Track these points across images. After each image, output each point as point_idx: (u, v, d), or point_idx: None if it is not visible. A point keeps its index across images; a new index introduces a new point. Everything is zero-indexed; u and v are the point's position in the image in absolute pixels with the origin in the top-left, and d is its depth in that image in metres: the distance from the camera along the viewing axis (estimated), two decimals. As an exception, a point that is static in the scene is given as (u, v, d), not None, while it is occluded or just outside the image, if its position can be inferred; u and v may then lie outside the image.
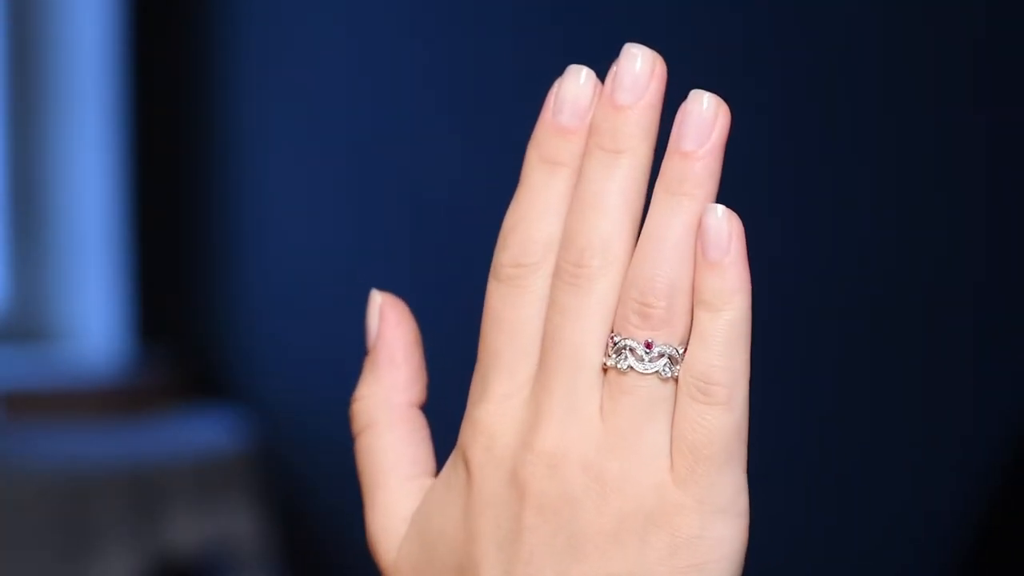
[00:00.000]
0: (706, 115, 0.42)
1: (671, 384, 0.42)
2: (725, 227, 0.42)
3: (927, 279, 1.60)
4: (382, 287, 0.49)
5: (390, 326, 0.48)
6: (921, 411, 1.61)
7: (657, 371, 0.42)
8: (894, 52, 1.62)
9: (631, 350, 0.42)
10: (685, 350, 0.42)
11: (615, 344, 0.42)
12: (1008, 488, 1.49)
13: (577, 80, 0.44)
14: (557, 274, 0.43)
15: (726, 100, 0.43)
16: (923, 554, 1.60)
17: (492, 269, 0.44)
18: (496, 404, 0.43)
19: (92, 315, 2.36)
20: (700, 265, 0.42)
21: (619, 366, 0.42)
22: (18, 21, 2.34)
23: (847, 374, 1.65)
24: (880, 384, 1.63)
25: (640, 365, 0.42)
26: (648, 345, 0.42)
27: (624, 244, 0.43)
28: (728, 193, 0.44)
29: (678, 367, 0.42)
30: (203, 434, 2.11)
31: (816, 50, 1.66)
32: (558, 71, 0.45)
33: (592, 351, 0.42)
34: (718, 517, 0.43)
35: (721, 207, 0.43)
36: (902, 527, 1.62)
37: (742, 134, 1.76)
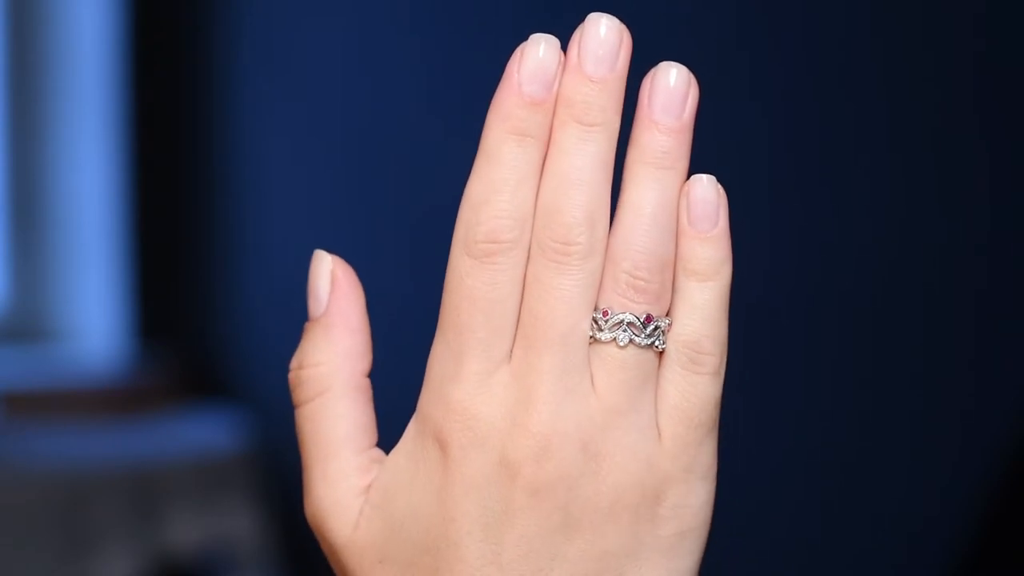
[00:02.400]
0: (679, 86, 0.43)
1: (659, 355, 0.43)
2: (714, 198, 0.43)
3: (927, 279, 1.60)
4: (381, 288, 0.49)
5: (343, 291, 0.47)
6: (921, 411, 1.61)
7: (653, 343, 0.42)
8: (894, 52, 1.62)
9: (630, 324, 0.42)
10: (670, 321, 0.43)
11: (609, 319, 0.42)
12: (1008, 488, 1.49)
13: (542, 49, 0.43)
14: (540, 251, 0.43)
15: (726, 100, 0.43)
16: (923, 554, 1.60)
17: (462, 244, 0.43)
18: (474, 384, 0.43)
19: (92, 315, 2.36)
20: (688, 236, 0.43)
21: (620, 341, 0.42)
22: (18, 21, 2.34)
23: (847, 374, 1.65)
24: (880, 384, 1.63)
25: (640, 339, 0.42)
26: (648, 319, 0.42)
27: (606, 219, 0.43)
28: (729, 192, 0.44)
29: (665, 338, 0.43)
30: (203, 434, 2.11)
31: (816, 50, 1.66)
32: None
33: (584, 330, 0.42)
34: (699, 484, 0.43)
35: (707, 177, 0.43)
36: (902, 527, 1.62)
37: (743, 134, 1.76)
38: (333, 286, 0.47)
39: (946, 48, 1.58)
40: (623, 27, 0.43)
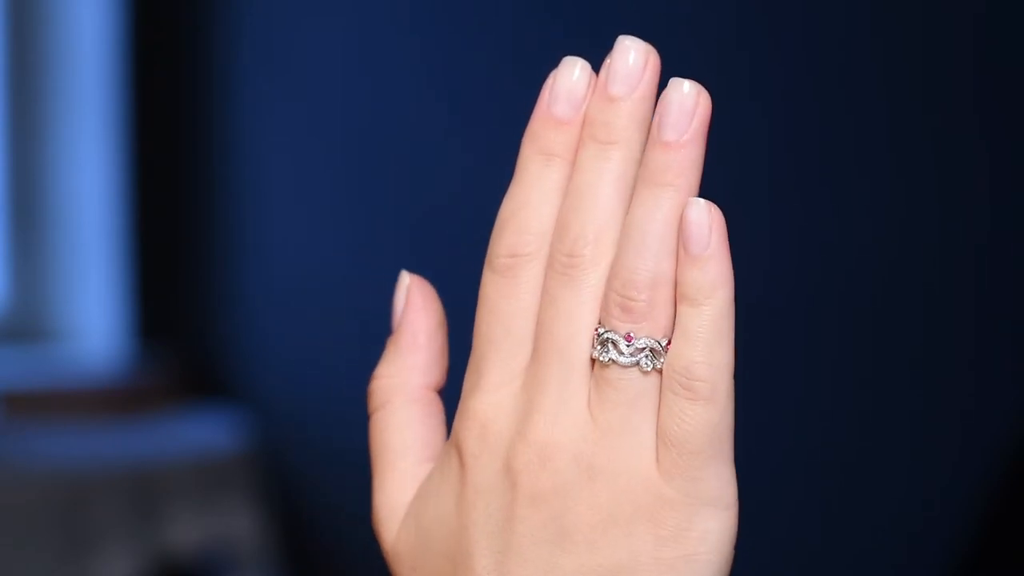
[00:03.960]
0: (686, 103, 0.42)
1: (654, 377, 0.42)
2: (706, 220, 0.42)
3: (927, 279, 1.60)
4: (382, 288, 0.50)
5: (415, 308, 0.48)
6: (921, 411, 1.61)
7: (638, 363, 0.42)
8: (894, 52, 1.62)
9: (613, 343, 0.42)
10: (669, 342, 0.42)
11: (599, 336, 0.42)
12: (1008, 488, 1.49)
13: (572, 72, 0.44)
14: (551, 264, 0.43)
15: (726, 100, 0.43)
16: (923, 554, 1.60)
17: (487, 259, 0.44)
18: (490, 394, 0.44)
19: (92, 315, 2.36)
20: (681, 259, 0.42)
21: (602, 358, 0.42)
22: (18, 21, 2.34)
23: (847, 374, 1.65)
24: (880, 384, 1.63)
25: (621, 358, 0.42)
26: (628, 337, 0.42)
27: (616, 235, 0.43)
28: (729, 192, 0.44)
29: (661, 360, 0.42)
30: (203, 434, 2.11)
31: (816, 50, 1.66)
32: (558, 70, 0.44)
33: (581, 344, 0.43)
34: (704, 510, 0.42)
35: (702, 200, 0.42)
36: (902, 527, 1.62)
37: (743, 134, 1.76)
38: (406, 303, 0.48)
39: (946, 48, 1.58)
40: (650, 49, 0.43)
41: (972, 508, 1.53)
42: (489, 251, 0.44)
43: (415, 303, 0.48)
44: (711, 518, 0.42)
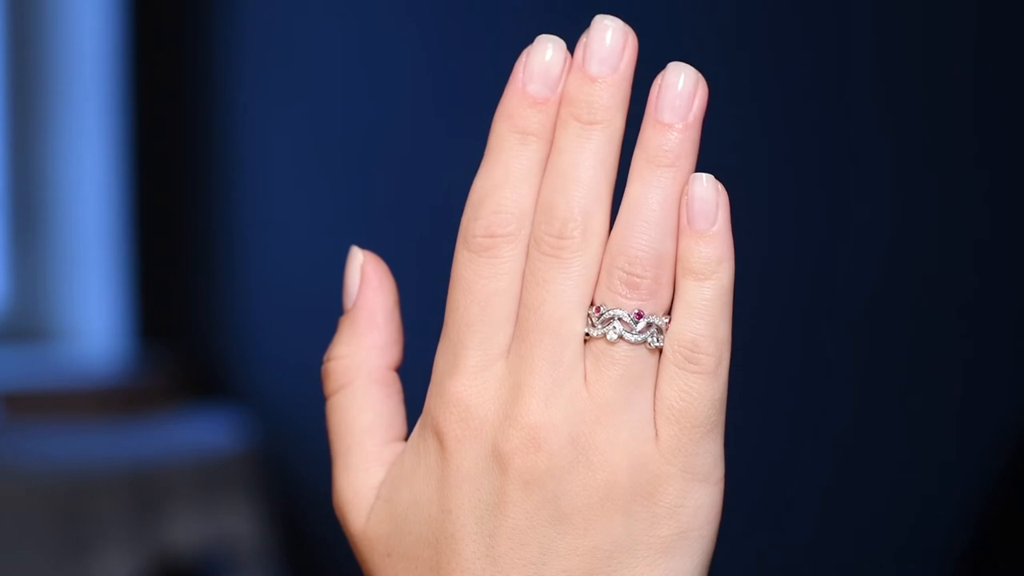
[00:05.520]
0: (687, 86, 0.43)
1: (655, 354, 0.42)
2: (712, 196, 0.42)
3: (927, 279, 1.60)
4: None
5: (371, 286, 0.48)
6: (921, 411, 1.61)
7: (645, 340, 0.42)
8: (893, 52, 1.62)
9: (620, 320, 0.42)
10: (669, 319, 0.42)
11: (601, 315, 0.42)
12: (1008, 488, 1.49)
13: (547, 50, 0.44)
14: (536, 245, 0.43)
15: (726, 100, 0.43)
16: (923, 553, 1.60)
17: (462, 238, 0.44)
18: (470, 377, 0.43)
19: (92, 315, 2.36)
20: (686, 234, 0.42)
21: (608, 336, 0.42)
22: (18, 22, 2.34)
23: (846, 373, 1.66)
24: (879, 384, 1.63)
25: (630, 335, 0.42)
26: (639, 315, 0.42)
27: (603, 216, 0.43)
28: (728, 191, 0.44)
29: (662, 336, 0.42)
30: (203, 434, 2.11)
31: (816, 50, 1.66)
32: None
33: (575, 322, 0.42)
34: (699, 485, 0.42)
35: (707, 176, 0.43)
36: (902, 525, 1.62)
37: (743, 133, 1.76)
38: (362, 281, 0.48)
39: (946, 48, 1.58)
40: (628, 29, 0.43)
41: (972, 508, 1.53)
42: (463, 230, 0.44)
43: (371, 281, 0.48)
44: (704, 493, 0.42)
